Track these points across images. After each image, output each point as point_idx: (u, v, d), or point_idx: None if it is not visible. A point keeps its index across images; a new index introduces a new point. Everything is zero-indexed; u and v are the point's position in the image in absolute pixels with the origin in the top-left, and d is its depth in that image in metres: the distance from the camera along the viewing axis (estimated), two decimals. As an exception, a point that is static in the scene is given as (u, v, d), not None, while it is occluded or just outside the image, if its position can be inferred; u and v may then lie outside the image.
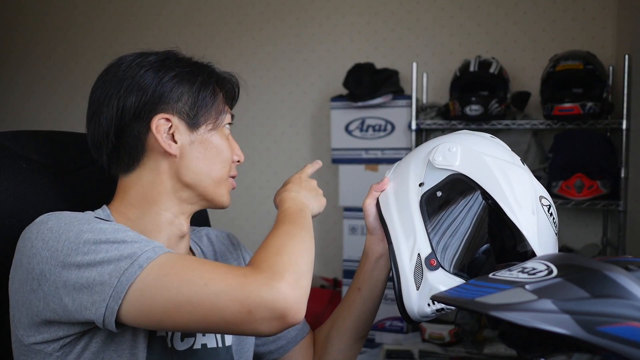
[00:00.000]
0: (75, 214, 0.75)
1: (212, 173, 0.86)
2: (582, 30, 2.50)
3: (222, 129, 0.88)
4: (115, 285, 0.67)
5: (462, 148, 0.86)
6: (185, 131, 0.84)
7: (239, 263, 1.01)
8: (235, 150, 0.91)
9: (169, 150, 0.82)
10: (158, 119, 0.82)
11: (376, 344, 2.50)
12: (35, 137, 0.97)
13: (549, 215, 0.85)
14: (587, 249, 2.36)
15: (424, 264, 0.84)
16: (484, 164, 0.84)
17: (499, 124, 2.29)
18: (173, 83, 0.83)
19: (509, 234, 0.85)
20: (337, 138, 2.62)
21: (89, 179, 0.99)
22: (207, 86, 0.86)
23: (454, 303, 0.64)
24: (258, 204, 3.02)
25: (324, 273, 2.93)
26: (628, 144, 2.12)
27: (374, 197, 0.96)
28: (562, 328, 0.53)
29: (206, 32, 3.10)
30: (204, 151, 0.85)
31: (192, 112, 0.84)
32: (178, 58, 0.88)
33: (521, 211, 0.81)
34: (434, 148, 0.89)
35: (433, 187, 0.87)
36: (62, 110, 3.41)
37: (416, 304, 0.85)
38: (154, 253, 0.69)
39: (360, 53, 2.81)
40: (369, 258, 0.98)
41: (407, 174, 0.91)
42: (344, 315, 1.00)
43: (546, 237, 0.83)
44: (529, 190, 0.84)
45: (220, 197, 0.89)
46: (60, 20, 3.44)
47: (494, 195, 0.82)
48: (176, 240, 0.88)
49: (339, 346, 1.01)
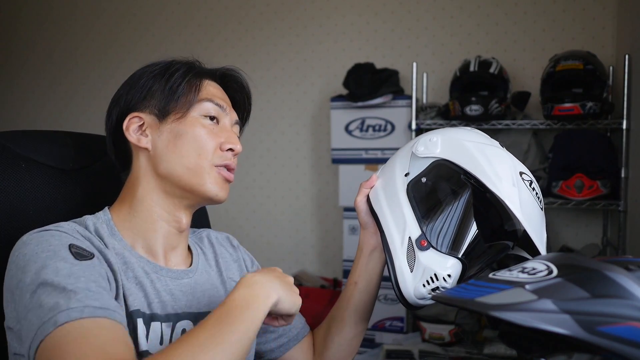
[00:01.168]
0: (54, 239, 0.74)
1: (184, 161, 0.86)
2: (582, 30, 2.50)
3: (198, 118, 0.88)
4: (35, 334, 0.66)
5: (442, 137, 0.91)
6: (155, 124, 0.87)
7: (239, 265, 1.02)
8: (227, 138, 0.90)
9: (139, 144, 0.87)
10: (128, 119, 0.88)
11: (376, 344, 2.50)
12: (34, 137, 0.97)
13: (532, 190, 0.86)
14: (587, 249, 2.36)
15: (415, 246, 0.87)
16: (463, 148, 0.88)
17: (499, 124, 2.29)
18: (145, 85, 0.88)
19: (495, 213, 0.87)
20: (337, 138, 2.62)
21: (88, 179, 1.00)
22: (177, 78, 0.88)
23: (454, 303, 0.64)
24: (258, 204, 3.02)
25: (324, 273, 2.93)
26: (628, 144, 2.12)
27: (364, 194, 0.99)
28: (562, 328, 0.53)
29: (206, 32, 3.10)
30: (173, 140, 0.86)
31: (160, 104, 0.87)
32: (165, 61, 0.91)
33: (501, 183, 0.83)
34: (417, 141, 0.93)
35: (418, 174, 0.91)
36: (62, 111, 3.42)
37: (412, 285, 0.87)
38: (79, 313, 0.66)
39: (360, 53, 2.81)
40: (364, 251, 1.00)
41: (393, 168, 0.96)
42: (342, 309, 1.02)
43: (530, 209, 0.85)
44: (508, 166, 0.86)
45: (201, 187, 0.87)
46: (61, 20, 3.45)
47: (474, 173, 0.85)
48: (176, 236, 0.89)
49: (339, 340, 1.02)
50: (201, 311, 0.88)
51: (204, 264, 0.95)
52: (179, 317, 0.84)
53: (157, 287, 0.84)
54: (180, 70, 0.90)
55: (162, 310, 0.83)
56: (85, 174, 1.00)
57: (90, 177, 1.00)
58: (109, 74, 3.29)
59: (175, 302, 0.85)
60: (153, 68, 0.90)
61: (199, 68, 0.93)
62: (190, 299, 0.87)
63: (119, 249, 0.83)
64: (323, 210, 2.95)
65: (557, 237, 2.51)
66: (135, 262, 0.83)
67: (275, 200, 3.02)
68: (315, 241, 2.98)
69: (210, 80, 0.93)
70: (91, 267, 0.73)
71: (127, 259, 0.83)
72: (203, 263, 0.95)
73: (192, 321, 0.86)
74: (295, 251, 3.01)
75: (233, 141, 0.90)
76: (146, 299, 0.81)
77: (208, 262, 0.97)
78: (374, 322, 2.53)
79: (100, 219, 0.85)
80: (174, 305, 0.84)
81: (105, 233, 0.83)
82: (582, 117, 2.12)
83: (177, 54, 0.94)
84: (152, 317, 0.81)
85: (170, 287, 0.86)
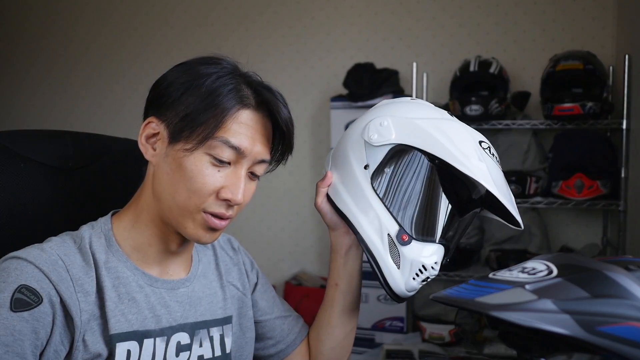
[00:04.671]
0: (9, 276, 0.74)
1: (176, 196, 0.80)
2: (582, 30, 2.50)
3: (206, 155, 0.79)
4: None
5: (392, 120, 0.86)
6: (166, 142, 0.81)
7: (238, 268, 1.00)
8: (230, 186, 0.80)
9: (145, 155, 0.83)
10: (148, 121, 0.82)
11: (376, 344, 2.50)
12: (33, 137, 0.97)
13: (492, 156, 0.85)
14: (587, 249, 2.36)
15: (397, 242, 0.85)
16: (418, 128, 0.85)
17: (499, 124, 2.29)
18: (179, 88, 0.80)
19: (461, 185, 0.87)
20: (337, 138, 2.59)
21: (88, 179, 0.99)
22: (209, 104, 0.78)
23: (454, 303, 0.64)
24: (258, 204, 3.01)
25: (324, 273, 2.93)
26: (628, 144, 2.12)
27: (322, 194, 0.93)
28: (562, 328, 0.53)
29: (206, 32, 3.10)
30: (173, 169, 0.80)
31: (179, 124, 0.79)
32: (224, 67, 0.82)
33: (470, 161, 0.82)
34: (365, 127, 0.88)
35: (378, 165, 0.87)
36: (70, 112, 3.41)
37: (402, 282, 0.86)
38: None
39: (360, 53, 2.81)
40: (339, 253, 0.96)
41: (347, 160, 0.90)
42: (328, 313, 0.99)
43: (498, 177, 0.84)
44: (468, 139, 0.84)
45: (184, 229, 0.81)
46: (71, 18, 3.43)
47: (439, 155, 0.83)
48: (166, 254, 0.87)
49: (330, 344, 1.00)
50: (198, 320, 0.87)
51: (203, 269, 0.93)
52: (174, 330, 0.84)
53: (151, 301, 0.83)
54: (231, 97, 0.80)
55: (156, 325, 0.82)
56: (85, 173, 0.99)
57: (90, 176, 0.99)
58: (120, 73, 3.29)
59: (171, 314, 0.84)
60: (207, 73, 0.80)
61: (246, 89, 0.82)
62: (186, 308, 0.86)
63: (113, 262, 0.82)
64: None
65: (557, 237, 2.51)
66: (130, 276, 0.82)
67: (275, 200, 3.02)
68: (315, 241, 2.98)
69: (248, 110, 0.81)
70: (20, 321, 0.72)
71: (121, 273, 0.81)
72: (202, 269, 0.93)
73: (187, 333, 0.85)
74: (295, 251, 3.00)
75: (235, 191, 0.80)
76: (139, 316, 0.81)
77: (208, 267, 0.95)
78: (374, 322, 2.53)
79: (98, 229, 0.84)
80: (169, 318, 0.84)
81: (101, 246, 0.82)
82: (582, 117, 2.12)
83: (187, 55, 0.87)
84: (145, 334, 0.80)
85: (166, 299, 0.84)
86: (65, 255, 0.78)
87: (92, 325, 0.77)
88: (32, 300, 0.73)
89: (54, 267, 0.76)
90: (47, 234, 0.82)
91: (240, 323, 0.95)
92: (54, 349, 0.75)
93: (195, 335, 0.86)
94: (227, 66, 0.83)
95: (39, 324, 0.73)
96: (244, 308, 0.96)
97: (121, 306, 0.79)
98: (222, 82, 0.80)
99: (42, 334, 0.73)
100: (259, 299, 1.00)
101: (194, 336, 0.86)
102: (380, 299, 2.50)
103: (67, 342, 0.76)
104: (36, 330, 0.73)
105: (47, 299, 0.74)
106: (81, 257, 0.80)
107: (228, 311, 0.92)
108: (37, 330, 0.73)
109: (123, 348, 0.78)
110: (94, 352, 0.76)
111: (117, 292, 0.80)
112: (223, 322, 0.91)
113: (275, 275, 2.91)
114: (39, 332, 0.73)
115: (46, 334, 0.74)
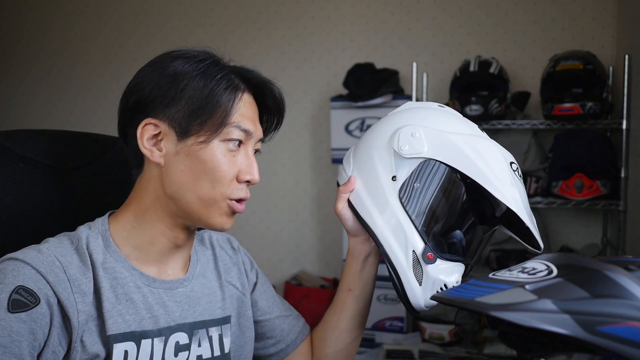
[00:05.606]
0: (7, 277, 0.74)
1: (198, 190, 0.81)
2: (582, 30, 2.50)
3: (222, 143, 0.81)
4: None
5: (424, 131, 0.84)
6: (173, 139, 0.81)
7: (238, 267, 0.99)
8: (247, 168, 0.83)
9: (151, 158, 0.81)
10: (144, 124, 0.81)
11: (376, 344, 2.50)
12: (33, 137, 0.96)
13: (520, 178, 0.85)
14: (587, 249, 2.36)
15: (422, 260, 0.83)
16: (452, 144, 0.83)
17: (499, 124, 2.29)
18: (173, 83, 0.80)
19: (487, 203, 0.86)
20: (337, 138, 2.62)
21: (87, 179, 0.99)
22: (212, 93, 0.80)
23: (454, 303, 0.64)
24: (258, 204, 3.01)
25: (324, 273, 2.93)
26: (628, 144, 2.12)
27: (344, 200, 0.92)
28: (562, 328, 0.53)
29: (205, 32, 3.10)
30: (190, 164, 0.80)
31: (185, 119, 0.80)
32: (203, 59, 0.83)
33: (504, 187, 0.81)
34: (395, 135, 0.85)
35: (408, 178, 0.85)
36: (70, 113, 3.40)
37: (422, 298, 0.85)
38: None
39: (360, 53, 2.81)
40: (357, 259, 0.95)
41: (373, 167, 0.88)
42: (338, 317, 0.98)
43: (525, 201, 0.84)
44: (501, 161, 0.83)
45: (208, 219, 0.83)
46: (71, 17, 3.43)
47: (474, 178, 0.82)
48: (169, 251, 0.87)
49: (337, 347, 0.99)
50: (197, 320, 0.87)
51: (202, 269, 0.93)
52: (172, 330, 0.83)
53: (149, 301, 0.82)
54: (231, 83, 0.82)
55: (154, 325, 0.82)
56: (84, 173, 0.99)
57: (89, 176, 0.99)
58: (121, 73, 3.27)
59: (169, 314, 0.84)
60: (191, 69, 0.81)
61: (236, 78, 0.84)
62: (185, 308, 0.86)
63: (110, 263, 0.81)
64: (323, 210, 2.95)
65: (557, 237, 2.51)
66: (128, 277, 0.82)
67: (275, 200, 3.01)
68: (315, 241, 2.98)
69: (244, 94, 0.85)
70: (18, 322, 0.72)
71: (119, 274, 0.81)
72: (201, 268, 0.93)
73: (186, 332, 0.85)
74: (295, 251, 3.00)
75: (252, 172, 0.83)
76: (137, 316, 0.80)
77: (206, 266, 0.94)
78: (374, 322, 2.53)
79: (95, 229, 0.83)
80: (167, 319, 0.83)
81: (98, 247, 0.81)
82: (582, 117, 2.12)
83: None
84: (143, 334, 0.80)
85: (164, 300, 0.84)
86: (62, 256, 0.78)
87: (89, 326, 0.77)
88: (30, 301, 0.73)
89: (51, 268, 0.76)
90: (46, 234, 0.82)
91: (239, 323, 0.95)
92: (52, 350, 0.75)
93: (194, 335, 0.86)
94: (206, 57, 0.85)
95: (36, 325, 0.73)
96: (243, 308, 0.96)
97: (119, 307, 0.79)
98: (212, 73, 0.83)
99: (39, 335, 0.73)
100: (258, 299, 1.00)
101: (192, 336, 0.86)
102: (381, 298, 2.50)
103: (65, 343, 0.76)
104: (34, 331, 0.73)
105: (45, 300, 0.74)
106: (78, 258, 0.79)
107: (227, 311, 0.92)
108: (34, 331, 0.73)
109: (120, 349, 0.78)
110: (91, 353, 0.76)
111: (114, 293, 0.80)
112: (222, 322, 0.91)
113: (275, 275, 2.91)
114: (37, 333, 0.73)
115: (44, 335, 0.74)
